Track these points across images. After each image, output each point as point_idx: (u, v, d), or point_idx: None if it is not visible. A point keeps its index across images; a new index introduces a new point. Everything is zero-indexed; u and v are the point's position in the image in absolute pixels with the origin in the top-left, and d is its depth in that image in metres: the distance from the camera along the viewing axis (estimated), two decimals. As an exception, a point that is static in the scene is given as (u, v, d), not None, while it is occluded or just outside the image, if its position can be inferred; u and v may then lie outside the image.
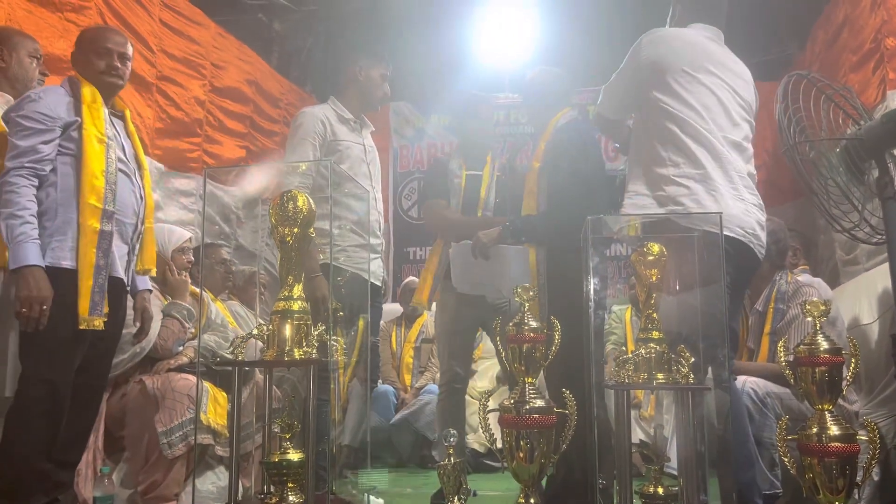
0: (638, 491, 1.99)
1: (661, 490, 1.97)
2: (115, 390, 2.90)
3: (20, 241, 2.23)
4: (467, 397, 4.60)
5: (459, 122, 3.47)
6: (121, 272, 2.50)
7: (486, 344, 4.84)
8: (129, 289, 2.61)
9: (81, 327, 2.29)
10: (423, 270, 3.36)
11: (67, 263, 2.33)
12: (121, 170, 2.48)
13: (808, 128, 2.80)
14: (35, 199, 2.30)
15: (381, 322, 5.06)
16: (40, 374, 2.29)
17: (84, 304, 2.29)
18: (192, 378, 2.87)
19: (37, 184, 2.31)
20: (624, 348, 2.35)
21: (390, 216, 6.18)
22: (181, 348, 3.03)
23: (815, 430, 1.82)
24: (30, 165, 2.29)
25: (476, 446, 4.35)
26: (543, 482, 2.39)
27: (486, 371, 4.95)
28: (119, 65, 2.52)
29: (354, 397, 4.22)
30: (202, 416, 2.79)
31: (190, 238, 3.28)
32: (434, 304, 3.35)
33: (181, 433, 2.75)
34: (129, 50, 2.59)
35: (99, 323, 2.33)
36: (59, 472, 2.39)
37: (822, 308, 1.88)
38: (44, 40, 2.97)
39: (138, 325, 2.68)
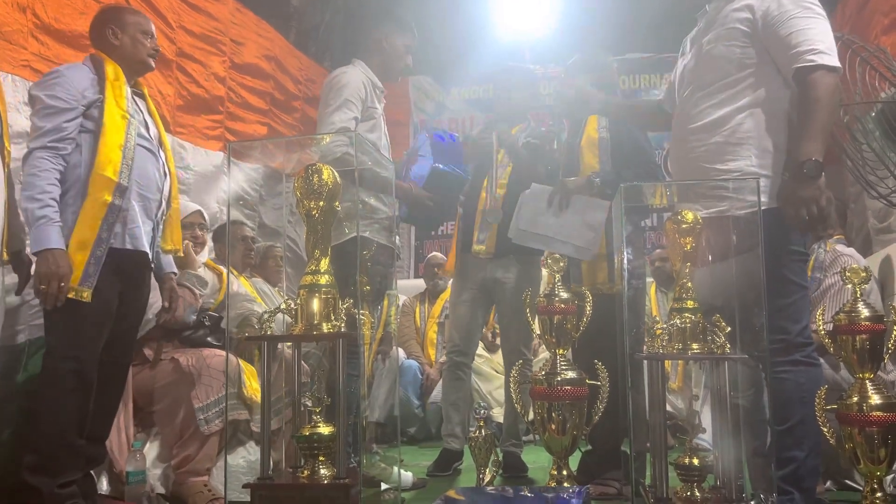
0: (673, 462, 1.97)
1: (696, 461, 1.94)
2: (137, 366, 2.92)
3: (41, 225, 2.23)
4: (492, 371, 4.62)
5: (497, 94, 3.42)
6: (146, 246, 2.49)
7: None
8: (153, 266, 2.61)
9: (69, 296, 2.25)
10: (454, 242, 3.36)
11: None
12: (145, 147, 2.48)
13: (841, 91, 2.72)
14: (57, 182, 2.29)
15: (405, 298, 5.06)
16: (66, 352, 2.30)
17: (76, 274, 2.26)
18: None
19: (60, 164, 2.30)
20: (657, 318, 2.31)
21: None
22: (194, 317, 3.03)
23: (855, 399, 1.79)
24: (52, 145, 2.29)
25: (502, 420, 4.35)
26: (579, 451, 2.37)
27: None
28: (157, 47, 2.62)
29: (382, 372, 4.23)
30: (242, 390, 2.82)
31: (199, 212, 3.30)
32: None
33: (218, 409, 2.77)
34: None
35: (87, 294, 2.28)
36: (90, 447, 2.42)
37: (863, 275, 1.84)
38: (66, 17, 2.96)
39: (166, 304, 2.69)
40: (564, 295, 1.98)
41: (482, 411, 2.16)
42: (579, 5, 5.38)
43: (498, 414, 4.39)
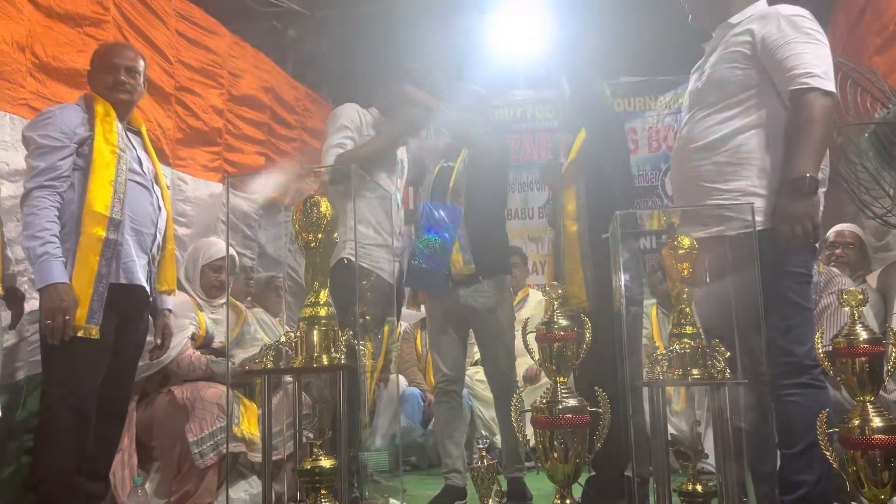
0: (676, 489, 1.96)
1: (700, 487, 1.93)
2: (140, 401, 2.92)
3: (43, 261, 2.25)
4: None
5: (452, 115, 3.45)
6: (141, 280, 2.50)
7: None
8: (151, 300, 2.61)
9: (78, 334, 2.27)
10: None
11: None
12: (138, 182, 2.50)
13: (835, 114, 2.74)
14: (56, 219, 2.31)
15: (406, 324, 5.05)
16: (64, 388, 2.30)
17: (81, 312, 2.28)
18: (221, 386, 2.88)
19: (58, 201, 2.33)
20: (656, 344, 2.31)
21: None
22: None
23: (856, 422, 1.77)
24: (48, 184, 2.32)
25: (503, 445, 4.32)
26: (582, 480, 2.36)
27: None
28: (126, 79, 2.53)
29: (383, 401, 4.21)
30: (234, 428, 2.80)
31: (230, 257, 3.29)
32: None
33: (212, 442, 2.76)
34: (140, 63, 2.59)
35: (95, 331, 2.30)
36: (90, 484, 2.40)
37: (860, 297, 1.84)
38: (64, 56, 2.99)
39: (158, 341, 2.68)
40: (564, 322, 1.98)
41: (484, 441, 2.15)
42: (575, 29, 5.43)
43: (500, 441, 4.36)
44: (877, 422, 1.75)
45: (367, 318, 2.53)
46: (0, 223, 2.46)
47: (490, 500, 2.06)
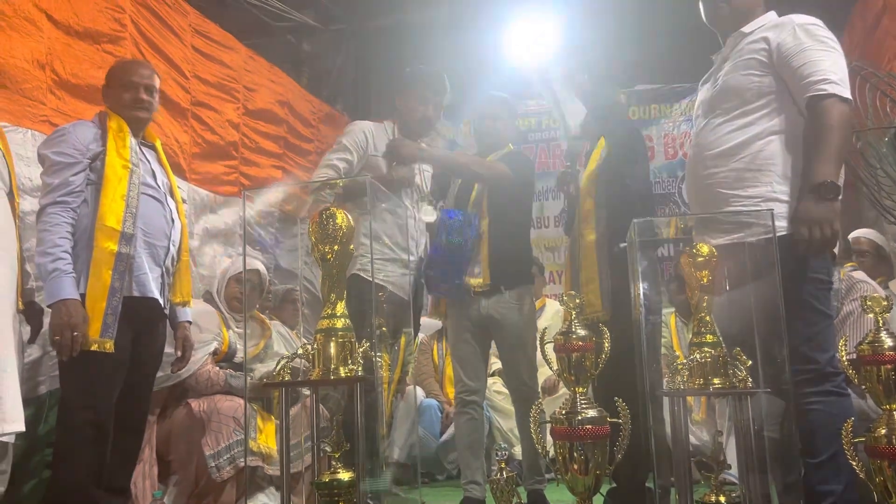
0: (699, 500, 1.93)
1: (723, 499, 1.90)
2: (160, 413, 2.93)
3: (54, 277, 2.27)
4: (512, 408, 4.56)
5: (477, 122, 3.45)
6: (154, 293, 2.50)
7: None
8: (166, 312, 2.62)
9: (92, 349, 2.27)
10: None
11: None
12: (150, 195, 2.51)
13: (854, 119, 2.72)
14: (68, 235, 2.33)
15: (422, 335, 5.04)
16: (81, 402, 2.31)
17: (95, 326, 2.29)
18: (238, 400, 2.88)
19: (71, 217, 2.35)
20: (676, 354, 2.29)
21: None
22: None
23: (883, 431, 1.74)
24: (61, 199, 2.34)
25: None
26: (603, 491, 2.33)
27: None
28: (144, 97, 2.55)
29: (400, 413, 4.20)
30: (251, 442, 2.80)
31: (255, 270, 3.33)
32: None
33: (229, 456, 2.76)
34: (156, 81, 2.62)
35: (110, 345, 2.31)
36: (108, 498, 2.41)
37: (884, 304, 1.81)
38: (83, 72, 3.03)
39: (178, 353, 2.69)
40: (582, 332, 1.97)
41: (502, 452, 2.13)
42: (589, 37, 5.44)
43: (519, 452, 4.32)
44: (904, 430, 1.71)
45: (383, 329, 2.52)
46: (20, 238, 2.49)
47: (510, 513, 2.04)
